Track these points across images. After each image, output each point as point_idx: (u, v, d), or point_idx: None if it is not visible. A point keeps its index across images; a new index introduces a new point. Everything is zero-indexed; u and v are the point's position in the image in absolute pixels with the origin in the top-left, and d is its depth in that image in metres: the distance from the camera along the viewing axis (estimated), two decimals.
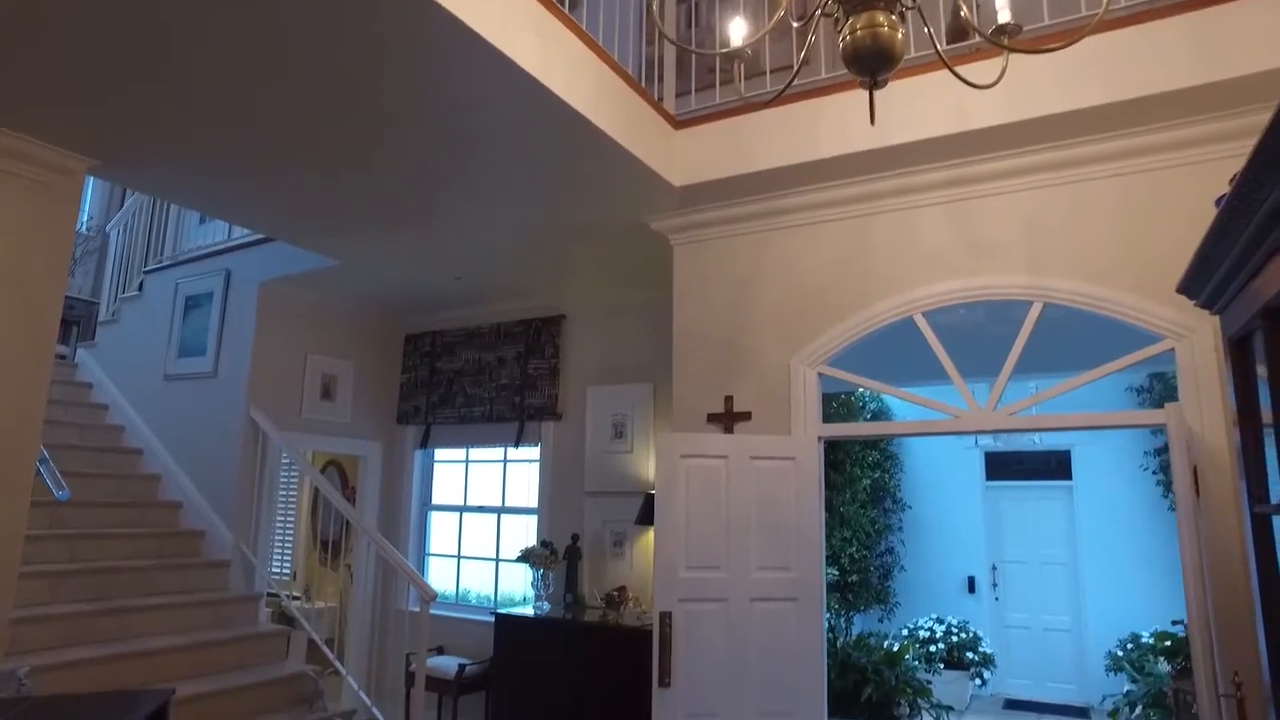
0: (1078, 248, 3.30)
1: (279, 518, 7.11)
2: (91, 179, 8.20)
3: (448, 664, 5.23)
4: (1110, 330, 3.43)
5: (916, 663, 5.01)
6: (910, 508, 7.91)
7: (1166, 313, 3.08)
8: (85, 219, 8.10)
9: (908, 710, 4.69)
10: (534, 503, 5.64)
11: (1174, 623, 3.86)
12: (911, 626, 7.37)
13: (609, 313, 5.54)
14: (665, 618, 3.42)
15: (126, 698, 2.43)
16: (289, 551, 7.07)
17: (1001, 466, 7.90)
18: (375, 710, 4.41)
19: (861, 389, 6.69)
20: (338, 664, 4.52)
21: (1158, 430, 6.99)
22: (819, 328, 3.74)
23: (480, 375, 5.96)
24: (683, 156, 3.83)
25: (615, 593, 4.78)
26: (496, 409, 5.81)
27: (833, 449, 5.40)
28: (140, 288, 6.34)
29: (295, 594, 6.56)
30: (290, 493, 7.13)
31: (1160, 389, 6.77)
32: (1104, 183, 3.30)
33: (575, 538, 5.15)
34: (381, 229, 4.53)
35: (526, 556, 5.08)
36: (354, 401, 6.08)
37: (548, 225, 4.35)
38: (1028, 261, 3.38)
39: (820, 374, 3.72)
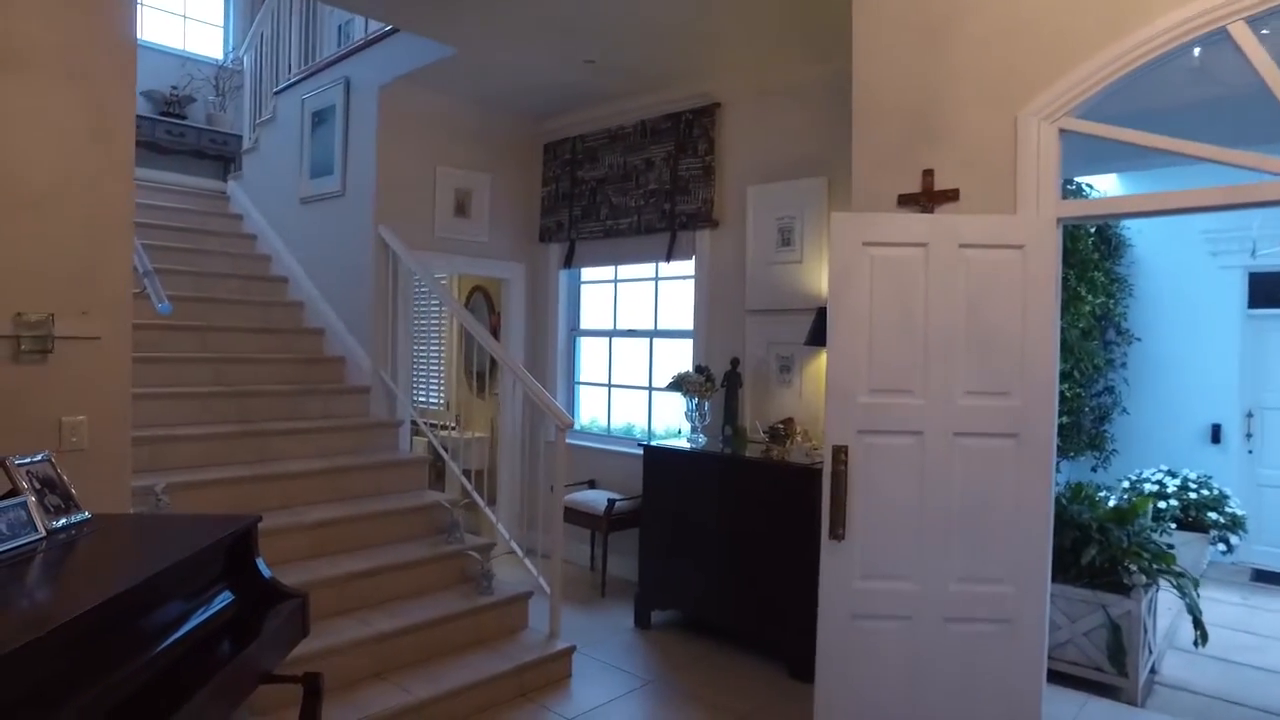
0: None
1: (432, 347, 6.95)
2: (231, 5, 8.04)
3: (597, 499, 4.85)
4: None
5: (1148, 522, 4.04)
6: (1139, 340, 6.59)
7: None
8: (229, 50, 7.90)
9: (1143, 578, 3.76)
10: (689, 325, 4.97)
11: None
12: (1133, 478, 6.26)
13: (772, 96, 4.52)
14: (839, 453, 2.69)
15: (216, 520, 2.21)
16: (440, 382, 6.94)
17: (1270, 291, 6.33)
18: (513, 544, 4.09)
19: (1087, 182, 5.36)
20: (474, 494, 4.20)
21: None
22: (1057, 69, 2.63)
23: (625, 182, 5.19)
24: None
25: (780, 425, 4.09)
26: (645, 219, 5.07)
27: None
28: (273, 111, 6.03)
29: (450, 424, 6.43)
30: (440, 322, 6.91)
31: None
32: None
33: (735, 362, 4.45)
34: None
35: (679, 384, 4.46)
36: (491, 218, 5.54)
37: None
38: None
39: (1063, 131, 2.66)
